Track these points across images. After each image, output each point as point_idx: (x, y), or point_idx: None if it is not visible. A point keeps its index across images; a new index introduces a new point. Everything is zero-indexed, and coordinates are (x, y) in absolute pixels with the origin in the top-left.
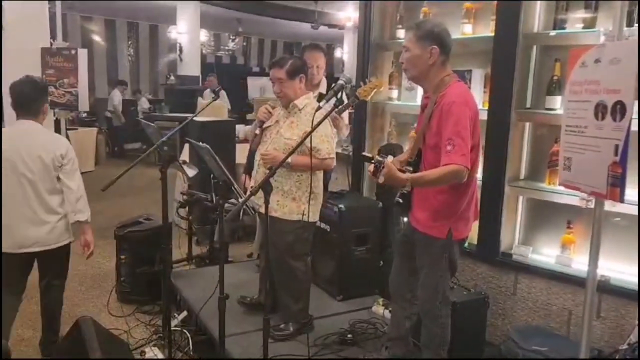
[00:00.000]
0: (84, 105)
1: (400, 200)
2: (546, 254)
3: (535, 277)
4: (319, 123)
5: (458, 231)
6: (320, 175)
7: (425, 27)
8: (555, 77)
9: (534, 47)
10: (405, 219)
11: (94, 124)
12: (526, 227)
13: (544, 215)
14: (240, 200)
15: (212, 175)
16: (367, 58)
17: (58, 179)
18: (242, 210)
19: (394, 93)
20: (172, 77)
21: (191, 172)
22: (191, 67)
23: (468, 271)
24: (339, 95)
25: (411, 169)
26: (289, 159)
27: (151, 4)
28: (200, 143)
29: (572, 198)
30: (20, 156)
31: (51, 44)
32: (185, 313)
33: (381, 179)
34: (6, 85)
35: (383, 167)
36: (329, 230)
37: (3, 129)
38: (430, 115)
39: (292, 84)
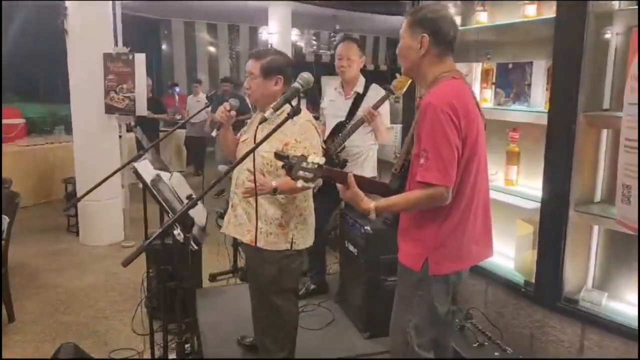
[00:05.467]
0: (141, 109)
1: (388, 222)
2: (628, 301)
3: (609, 331)
4: (265, 139)
5: (438, 264)
6: (309, 194)
7: (419, 12)
8: None
9: (613, 31)
10: None
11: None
12: (602, 266)
13: (626, 252)
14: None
15: None
16: None
17: None
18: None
19: None
20: None
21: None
22: None
23: (524, 315)
24: (293, 103)
25: (395, 186)
26: (275, 184)
27: (247, 7)
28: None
29: None
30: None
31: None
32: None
33: (299, 183)
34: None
35: (297, 167)
36: (356, 254)
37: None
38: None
39: (263, 84)
